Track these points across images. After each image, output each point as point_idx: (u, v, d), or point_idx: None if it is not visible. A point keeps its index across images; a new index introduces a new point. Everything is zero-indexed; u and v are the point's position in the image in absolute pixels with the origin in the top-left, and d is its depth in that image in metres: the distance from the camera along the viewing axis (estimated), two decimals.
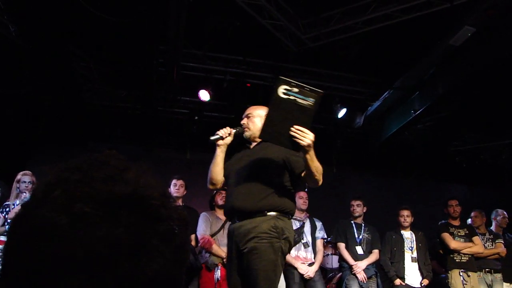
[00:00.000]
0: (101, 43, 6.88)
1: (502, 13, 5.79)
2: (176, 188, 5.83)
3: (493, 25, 6.05)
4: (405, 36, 6.66)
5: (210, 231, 5.49)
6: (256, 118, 3.52)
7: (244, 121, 3.59)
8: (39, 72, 6.96)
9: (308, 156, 3.03)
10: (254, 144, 3.62)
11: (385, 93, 7.78)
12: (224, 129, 3.48)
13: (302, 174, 3.29)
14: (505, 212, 7.15)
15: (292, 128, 2.91)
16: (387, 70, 7.44)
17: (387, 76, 7.57)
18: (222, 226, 5.55)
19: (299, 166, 3.29)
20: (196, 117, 8.17)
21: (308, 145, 2.96)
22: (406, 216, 6.44)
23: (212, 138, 3.44)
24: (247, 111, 3.62)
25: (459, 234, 6.42)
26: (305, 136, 2.92)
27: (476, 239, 6.42)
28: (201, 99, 7.62)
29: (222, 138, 3.45)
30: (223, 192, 5.45)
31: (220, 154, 3.48)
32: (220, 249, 5.38)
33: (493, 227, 7.11)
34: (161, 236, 0.69)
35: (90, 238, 0.63)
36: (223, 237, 5.47)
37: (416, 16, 6.19)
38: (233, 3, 6.05)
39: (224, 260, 5.32)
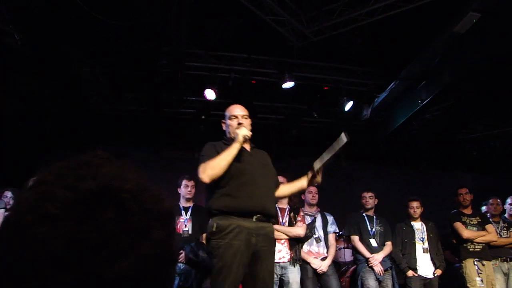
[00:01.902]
0: (105, 48, 6.89)
1: None
2: (188, 189, 5.81)
3: (498, 10, 5.99)
4: (409, 26, 6.62)
5: None
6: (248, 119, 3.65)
7: (245, 122, 3.61)
8: (44, 79, 6.99)
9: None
10: (247, 145, 3.63)
11: (391, 84, 7.74)
12: (246, 129, 3.50)
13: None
14: None
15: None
16: (392, 61, 7.40)
17: (392, 67, 7.53)
18: None
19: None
20: (203, 117, 8.17)
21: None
22: (416, 208, 6.40)
23: (243, 133, 3.43)
24: (243, 111, 3.67)
25: (472, 222, 6.37)
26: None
27: (490, 227, 6.37)
28: (207, 98, 7.63)
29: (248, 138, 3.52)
30: None
31: (236, 152, 3.40)
32: None
33: (506, 215, 7.05)
34: (132, 231, 0.66)
35: (52, 237, 0.61)
36: None
37: (418, 5, 6.14)
38: (234, 0, 6.03)
39: None
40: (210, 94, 7.56)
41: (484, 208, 7.00)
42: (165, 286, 0.72)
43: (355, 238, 6.22)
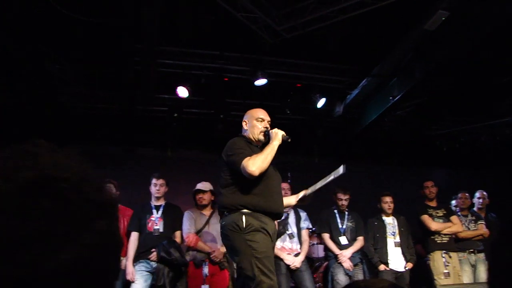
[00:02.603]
0: (76, 45, 6.78)
1: None
2: (156, 188, 5.79)
3: (466, 8, 6.09)
4: (381, 23, 6.69)
5: (195, 228, 5.49)
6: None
7: (268, 126, 3.87)
8: (13, 76, 6.86)
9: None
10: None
11: (363, 81, 7.80)
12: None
13: None
14: (485, 193, 7.27)
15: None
16: (364, 58, 7.45)
17: (364, 63, 7.59)
18: (207, 222, 5.56)
19: None
20: (176, 114, 8.12)
21: None
22: (390, 203, 6.50)
23: (283, 133, 3.72)
24: (268, 117, 3.98)
25: (438, 215, 6.52)
26: None
27: (454, 218, 6.54)
28: (179, 96, 7.57)
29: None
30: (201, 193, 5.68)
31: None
32: (206, 245, 5.39)
33: (475, 209, 7.22)
34: (72, 222, 0.64)
35: None
36: (208, 234, 5.49)
37: (390, 3, 6.20)
38: None
39: (211, 255, 5.32)
40: (182, 92, 7.51)
41: (453, 202, 7.15)
42: (109, 276, 0.71)
43: (325, 236, 6.31)
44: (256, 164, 3.40)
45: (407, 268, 6.27)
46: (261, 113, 3.94)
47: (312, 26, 6.69)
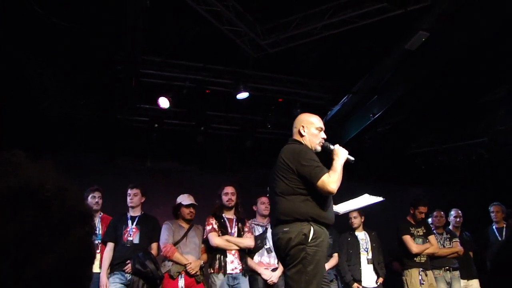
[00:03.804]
0: (58, 51, 6.73)
1: (453, 18, 5.95)
2: (129, 198, 5.76)
3: (445, 29, 6.20)
4: (363, 41, 6.78)
5: (173, 239, 5.45)
6: None
7: (325, 136, 3.87)
8: None
9: None
10: None
11: (344, 98, 7.87)
12: None
13: None
14: (459, 212, 7.37)
15: None
16: (346, 75, 7.54)
17: (345, 80, 7.67)
18: (185, 235, 5.52)
19: None
20: (156, 125, 8.08)
21: None
22: (354, 218, 6.57)
23: (352, 159, 3.75)
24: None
25: (418, 234, 6.57)
26: None
27: (432, 238, 6.61)
28: (161, 106, 7.55)
29: None
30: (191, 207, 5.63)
31: None
32: (183, 257, 5.35)
33: (450, 227, 7.31)
34: (53, 230, 0.65)
35: None
36: (185, 246, 5.45)
37: (372, 22, 6.30)
38: (191, 9, 6.02)
39: (187, 267, 5.28)
40: (163, 103, 7.48)
41: (429, 220, 7.22)
42: (83, 284, 0.71)
43: None
44: (336, 183, 3.44)
45: (379, 283, 6.32)
46: (320, 122, 3.91)
47: (295, 42, 6.76)
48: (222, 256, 5.37)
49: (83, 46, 6.53)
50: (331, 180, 3.41)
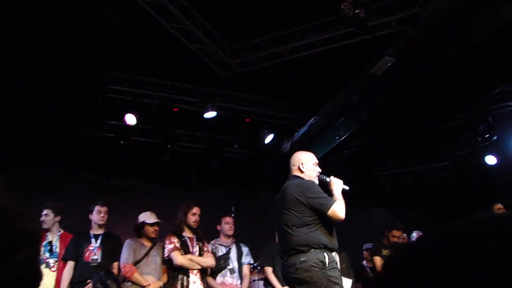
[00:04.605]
0: (23, 63, 6.62)
1: (418, 45, 6.10)
2: (101, 215, 5.64)
3: (410, 56, 6.35)
4: (331, 64, 6.88)
5: (134, 258, 5.34)
6: None
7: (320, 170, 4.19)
8: None
9: None
10: None
11: (311, 119, 7.94)
12: None
13: None
14: (421, 233, 7.45)
15: None
16: (313, 97, 7.62)
17: (313, 102, 7.75)
18: (147, 254, 5.41)
19: None
20: (122, 142, 7.99)
21: None
22: None
23: (347, 189, 4.07)
24: None
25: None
26: None
27: None
28: (127, 123, 7.47)
29: None
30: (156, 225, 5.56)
31: None
32: (142, 277, 5.23)
33: None
34: None
35: None
36: (146, 265, 5.34)
37: (340, 45, 6.41)
38: (161, 26, 6.02)
39: None
40: (130, 119, 7.42)
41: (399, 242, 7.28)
42: None
43: (268, 270, 6.24)
44: (344, 211, 3.79)
45: None
46: (315, 158, 4.25)
47: (264, 63, 6.81)
48: (184, 276, 5.29)
49: (50, 60, 6.44)
50: (340, 209, 3.78)
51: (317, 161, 4.22)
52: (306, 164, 4.14)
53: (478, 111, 8.37)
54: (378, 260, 6.51)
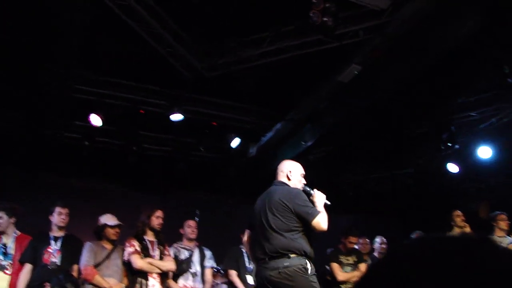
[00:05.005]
0: None
1: (385, 54, 6.20)
2: (62, 217, 5.53)
3: (377, 64, 6.45)
4: (298, 71, 6.93)
5: (94, 261, 5.26)
6: None
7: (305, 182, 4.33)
8: None
9: None
10: None
11: (278, 125, 7.97)
12: None
13: None
14: (384, 239, 7.58)
15: None
16: (281, 102, 7.65)
17: (280, 108, 7.78)
18: (107, 257, 5.35)
19: None
20: (87, 143, 7.86)
21: None
22: None
23: (329, 204, 4.17)
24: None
25: (348, 262, 6.69)
26: None
27: (363, 266, 6.72)
28: (92, 124, 7.36)
29: None
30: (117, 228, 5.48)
31: None
32: (104, 280, 5.17)
33: (376, 253, 7.50)
34: None
35: None
36: (107, 268, 5.28)
37: (308, 52, 6.46)
38: (130, 27, 5.96)
39: None
40: (95, 120, 7.31)
41: (356, 247, 7.37)
42: None
43: (233, 273, 6.25)
44: (326, 223, 3.91)
45: None
46: (303, 170, 4.38)
47: (232, 67, 6.82)
48: (143, 280, 5.25)
49: (14, 58, 6.31)
50: (324, 220, 3.89)
51: (304, 173, 4.35)
52: (294, 173, 4.28)
53: (441, 120, 8.55)
54: (335, 267, 6.58)
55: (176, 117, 7.34)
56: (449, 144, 8.48)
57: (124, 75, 7.20)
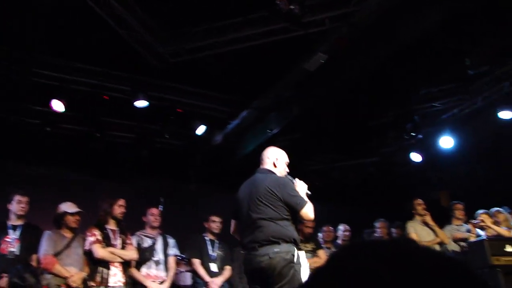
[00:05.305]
0: None
1: (351, 43, 6.23)
2: (21, 205, 5.42)
3: (343, 53, 6.48)
4: (265, 58, 6.91)
5: (54, 250, 5.17)
6: None
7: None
8: None
9: None
10: None
11: (244, 112, 7.95)
12: None
13: None
14: (348, 227, 7.69)
15: None
16: (247, 90, 7.63)
17: (246, 95, 7.76)
18: (68, 245, 5.26)
19: None
20: (48, 129, 7.67)
21: None
22: None
23: (309, 193, 4.20)
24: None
25: (306, 249, 6.75)
26: None
27: (321, 252, 6.84)
28: (54, 109, 7.18)
29: None
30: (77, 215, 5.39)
31: None
32: (64, 269, 5.09)
33: (339, 241, 7.61)
34: None
35: None
36: (68, 257, 5.20)
37: (275, 40, 6.44)
38: (94, 12, 5.82)
39: (68, 280, 5.04)
40: (57, 106, 7.13)
41: (320, 235, 7.46)
42: None
43: (196, 261, 6.25)
44: (313, 213, 3.99)
45: None
46: (287, 158, 4.42)
47: (198, 54, 6.75)
48: (104, 269, 5.19)
49: None
50: (311, 210, 3.98)
51: (288, 161, 4.40)
52: (280, 161, 4.33)
53: (405, 110, 8.67)
54: None
55: (141, 103, 7.23)
56: (413, 134, 8.63)
57: (87, 60, 7.03)
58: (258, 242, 3.91)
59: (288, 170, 4.34)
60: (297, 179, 4.24)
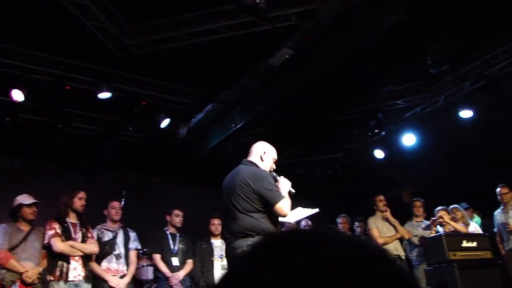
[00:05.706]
0: None
1: (316, 39, 6.27)
2: None
3: (308, 49, 6.52)
4: (230, 52, 6.90)
5: (9, 244, 5.04)
6: None
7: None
8: None
9: None
10: None
11: (208, 106, 7.92)
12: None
13: None
14: (309, 222, 7.75)
15: None
16: (211, 83, 7.61)
17: (210, 89, 7.73)
18: (24, 239, 5.13)
19: None
20: (8, 119, 7.48)
21: None
22: (217, 225, 6.67)
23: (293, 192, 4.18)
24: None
25: None
26: None
27: None
28: (14, 99, 7.01)
29: None
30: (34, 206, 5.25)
31: None
32: (19, 264, 4.97)
33: None
34: None
35: None
36: (24, 251, 5.08)
37: (240, 34, 6.43)
38: (58, 1, 5.70)
39: (23, 276, 4.92)
40: (17, 95, 6.96)
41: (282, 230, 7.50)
42: None
43: (156, 257, 6.23)
44: (289, 209, 3.95)
45: None
46: (276, 155, 4.39)
47: (162, 46, 6.70)
48: (64, 263, 5.10)
49: None
50: (286, 206, 3.92)
51: (276, 158, 4.38)
52: (268, 156, 4.30)
53: (369, 108, 8.79)
54: None
55: (104, 95, 7.13)
56: (376, 131, 8.76)
57: (50, 49, 6.88)
58: (233, 235, 3.93)
59: (274, 167, 4.33)
60: (282, 177, 4.23)
